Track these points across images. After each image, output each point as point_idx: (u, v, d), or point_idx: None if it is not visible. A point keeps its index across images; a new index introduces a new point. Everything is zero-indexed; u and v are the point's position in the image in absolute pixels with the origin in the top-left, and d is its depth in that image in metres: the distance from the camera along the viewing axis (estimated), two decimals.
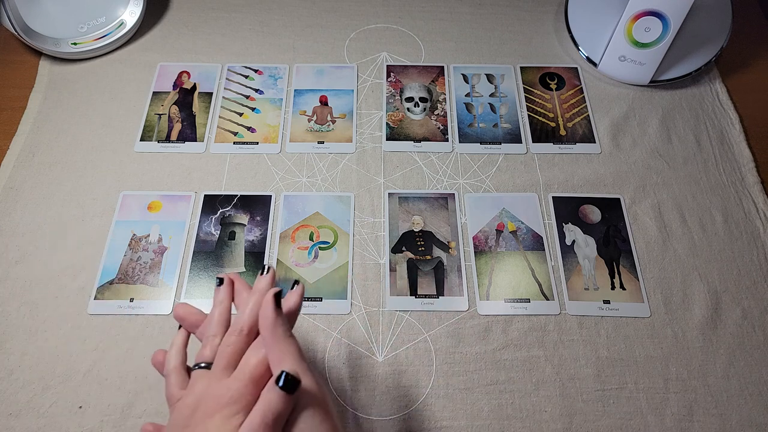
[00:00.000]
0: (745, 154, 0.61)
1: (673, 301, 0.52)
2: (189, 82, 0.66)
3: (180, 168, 0.59)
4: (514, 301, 0.51)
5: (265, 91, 0.65)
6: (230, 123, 0.63)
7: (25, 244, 0.54)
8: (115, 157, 0.60)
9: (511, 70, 0.68)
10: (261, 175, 0.59)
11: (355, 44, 0.70)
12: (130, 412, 0.45)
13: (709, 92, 0.66)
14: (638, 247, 0.55)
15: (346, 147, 0.61)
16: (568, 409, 0.46)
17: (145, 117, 0.63)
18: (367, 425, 0.45)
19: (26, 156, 0.59)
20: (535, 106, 0.65)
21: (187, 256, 0.53)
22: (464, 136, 0.62)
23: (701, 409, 0.47)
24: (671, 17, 0.60)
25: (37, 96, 0.64)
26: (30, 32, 0.63)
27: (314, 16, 0.73)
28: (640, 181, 0.59)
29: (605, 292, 0.52)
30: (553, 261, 0.54)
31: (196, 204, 0.57)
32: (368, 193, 0.58)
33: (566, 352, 0.49)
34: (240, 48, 0.69)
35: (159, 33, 0.70)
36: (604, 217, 0.56)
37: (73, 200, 0.57)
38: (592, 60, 0.67)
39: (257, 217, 0.56)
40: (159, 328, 0.49)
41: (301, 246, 0.54)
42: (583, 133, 0.62)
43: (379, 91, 0.66)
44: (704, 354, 0.49)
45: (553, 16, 0.73)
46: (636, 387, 0.47)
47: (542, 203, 0.57)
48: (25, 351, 0.48)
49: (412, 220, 0.56)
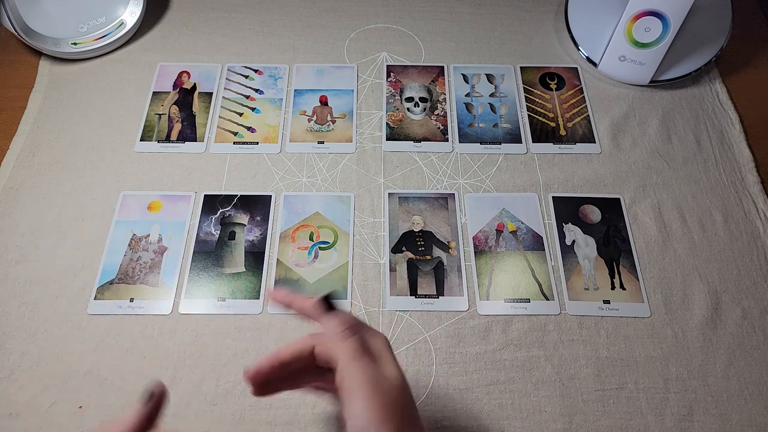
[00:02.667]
0: (745, 154, 0.61)
1: (673, 301, 0.52)
2: (189, 82, 0.66)
3: (180, 168, 0.59)
4: (514, 301, 0.51)
5: (265, 91, 0.65)
6: (230, 123, 0.63)
7: (25, 244, 0.54)
8: (115, 157, 0.60)
9: (511, 70, 0.68)
10: (261, 175, 0.59)
11: (355, 44, 0.70)
12: None
13: (709, 92, 0.66)
14: (638, 247, 0.55)
15: (346, 147, 0.61)
16: (568, 409, 0.46)
17: (145, 117, 0.63)
18: None
19: (26, 156, 0.59)
20: (535, 106, 0.65)
21: (187, 256, 0.53)
22: (464, 136, 0.62)
23: (701, 409, 0.47)
24: (671, 17, 0.60)
25: (37, 96, 0.64)
26: (30, 32, 0.63)
27: (314, 16, 0.73)
28: (640, 181, 0.59)
29: (605, 292, 0.52)
30: (553, 261, 0.54)
31: (196, 204, 0.57)
32: (368, 193, 0.58)
33: (566, 352, 0.49)
34: (240, 48, 0.69)
35: (159, 33, 0.70)
36: (604, 217, 0.56)
37: (73, 200, 0.57)
38: (592, 60, 0.67)
39: (257, 217, 0.56)
40: (159, 328, 0.49)
41: (301, 246, 0.54)
42: (583, 133, 0.62)
43: (379, 91, 0.66)
44: (704, 354, 0.49)
45: (553, 16, 0.73)
46: (636, 387, 0.47)
47: (542, 203, 0.57)
48: (25, 351, 0.48)
49: (412, 220, 0.56)
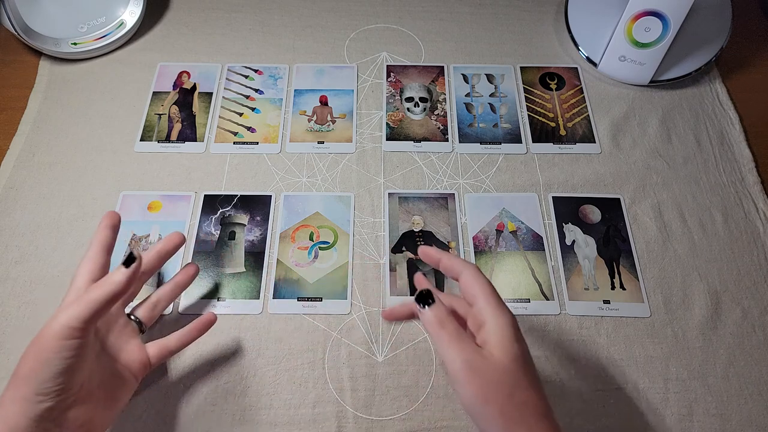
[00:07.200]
0: (745, 154, 0.61)
1: (673, 301, 0.52)
2: (189, 82, 0.66)
3: (180, 168, 0.59)
4: (514, 301, 0.51)
5: (265, 91, 0.65)
6: (230, 123, 0.63)
7: (25, 244, 0.54)
8: (115, 157, 0.60)
9: (511, 70, 0.68)
10: (261, 175, 0.59)
11: (355, 44, 0.70)
12: (130, 412, 0.45)
13: (709, 92, 0.66)
14: (638, 247, 0.55)
15: (346, 147, 0.61)
16: (568, 409, 0.46)
17: (145, 117, 0.63)
18: (366, 425, 0.45)
19: (26, 156, 0.59)
20: (535, 106, 0.65)
21: (187, 256, 0.53)
22: (464, 136, 0.62)
23: (701, 409, 0.47)
24: (671, 17, 0.60)
25: (37, 96, 0.64)
26: (30, 32, 0.63)
27: (314, 16, 0.73)
28: (640, 181, 0.59)
29: (605, 292, 0.52)
30: (553, 261, 0.54)
31: (196, 204, 0.57)
32: (368, 193, 0.58)
33: (566, 352, 0.49)
34: (240, 48, 0.69)
35: (159, 33, 0.70)
36: (604, 217, 0.56)
37: (73, 200, 0.57)
38: (592, 60, 0.67)
39: (257, 217, 0.56)
40: (159, 328, 0.49)
41: (301, 246, 0.54)
42: (583, 133, 0.62)
43: (379, 91, 0.66)
44: (704, 354, 0.49)
45: (553, 16, 0.73)
46: (636, 387, 0.47)
47: (542, 203, 0.57)
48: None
49: (412, 220, 0.56)
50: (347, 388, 0.47)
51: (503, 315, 0.35)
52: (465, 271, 0.37)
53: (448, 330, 0.34)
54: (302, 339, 0.49)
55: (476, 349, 0.33)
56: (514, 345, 0.33)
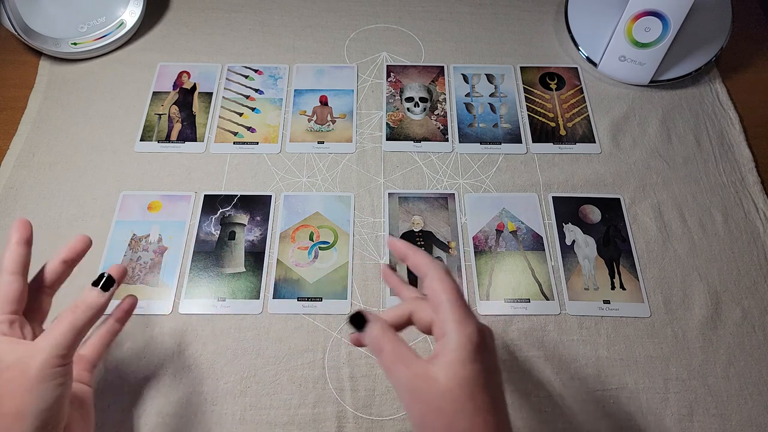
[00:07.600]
0: (745, 154, 0.61)
1: (673, 301, 0.52)
2: (189, 82, 0.66)
3: (180, 168, 0.59)
4: (514, 301, 0.51)
5: (265, 91, 0.65)
6: (230, 123, 0.63)
7: None
8: (115, 157, 0.60)
9: (511, 70, 0.68)
10: (261, 175, 0.59)
11: (355, 44, 0.70)
12: (130, 412, 0.45)
13: (709, 92, 0.66)
14: (638, 247, 0.55)
15: (346, 147, 0.61)
16: (568, 409, 0.46)
17: (145, 117, 0.63)
18: (366, 425, 0.45)
19: (26, 156, 0.59)
20: (535, 106, 0.65)
21: (187, 256, 0.53)
22: (464, 136, 0.62)
23: (701, 409, 0.47)
24: (671, 17, 0.60)
25: (37, 96, 0.64)
26: (30, 32, 0.63)
27: (314, 16, 0.73)
28: (640, 181, 0.59)
29: (605, 292, 0.52)
30: (553, 261, 0.54)
31: (196, 204, 0.57)
32: (368, 193, 0.58)
33: (566, 352, 0.49)
34: (240, 48, 0.69)
35: (159, 33, 0.70)
36: (604, 217, 0.56)
37: (73, 200, 0.57)
38: (592, 60, 0.67)
39: (257, 217, 0.56)
40: (159, 328, 0.49)
41: (301, 246, 0.54)
42: (583, 133, 0.62)
43: (379, 91, 0.66)
44: (704, 354, 0.49)
45: (553, 16, 0.73)
46: (636, 387, 0.47)
47: (542, 203, 0.57)
48: None
49: (412, 220, 0.56)
50: (347, 388, 0.47)
51: (464, 329, 0.31)
52: (431, 273, 0.34)
53: (386, 351, 0.31)
54: (302, 339, 0.49)
55: (420, 370, 0.30)
56: (466, 367, 0.30)
